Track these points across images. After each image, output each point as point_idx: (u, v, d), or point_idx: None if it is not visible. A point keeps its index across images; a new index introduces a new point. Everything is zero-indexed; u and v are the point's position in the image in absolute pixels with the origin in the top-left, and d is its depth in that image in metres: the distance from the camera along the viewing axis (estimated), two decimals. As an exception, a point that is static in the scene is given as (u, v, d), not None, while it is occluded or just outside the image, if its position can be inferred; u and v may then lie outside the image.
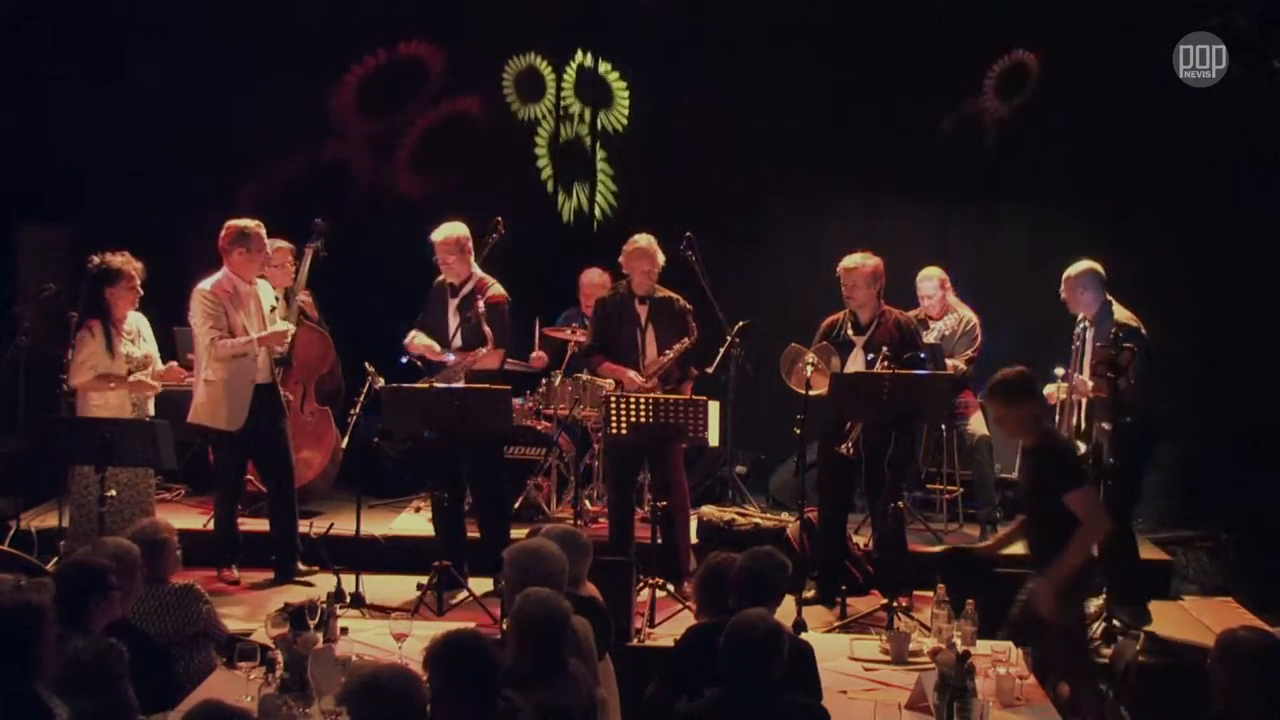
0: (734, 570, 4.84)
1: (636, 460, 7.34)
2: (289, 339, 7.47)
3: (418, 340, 7.36)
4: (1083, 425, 6.95)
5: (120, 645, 4.34)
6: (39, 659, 3.87)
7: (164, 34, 9.69)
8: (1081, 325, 7.06)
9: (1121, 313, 6.91)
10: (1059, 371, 7.05)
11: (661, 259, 7.45)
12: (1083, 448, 6.88)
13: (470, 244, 7.40)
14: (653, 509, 7.39)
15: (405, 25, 9.80)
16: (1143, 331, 6.84)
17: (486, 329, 7.22)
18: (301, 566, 7.34)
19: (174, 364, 7.28)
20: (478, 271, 7.45)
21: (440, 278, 7.47)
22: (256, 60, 9.61)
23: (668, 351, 7.31)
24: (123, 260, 6.99)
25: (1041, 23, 9.27)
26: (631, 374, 7.34)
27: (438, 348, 7.32)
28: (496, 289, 7.39)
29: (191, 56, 9.69)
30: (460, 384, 7.08)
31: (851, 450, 6.94)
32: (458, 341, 7.33)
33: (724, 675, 4.08)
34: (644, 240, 7.44)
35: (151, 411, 7.10)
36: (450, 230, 7.35)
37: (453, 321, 7.38)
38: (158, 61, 9.62)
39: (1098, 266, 7.01)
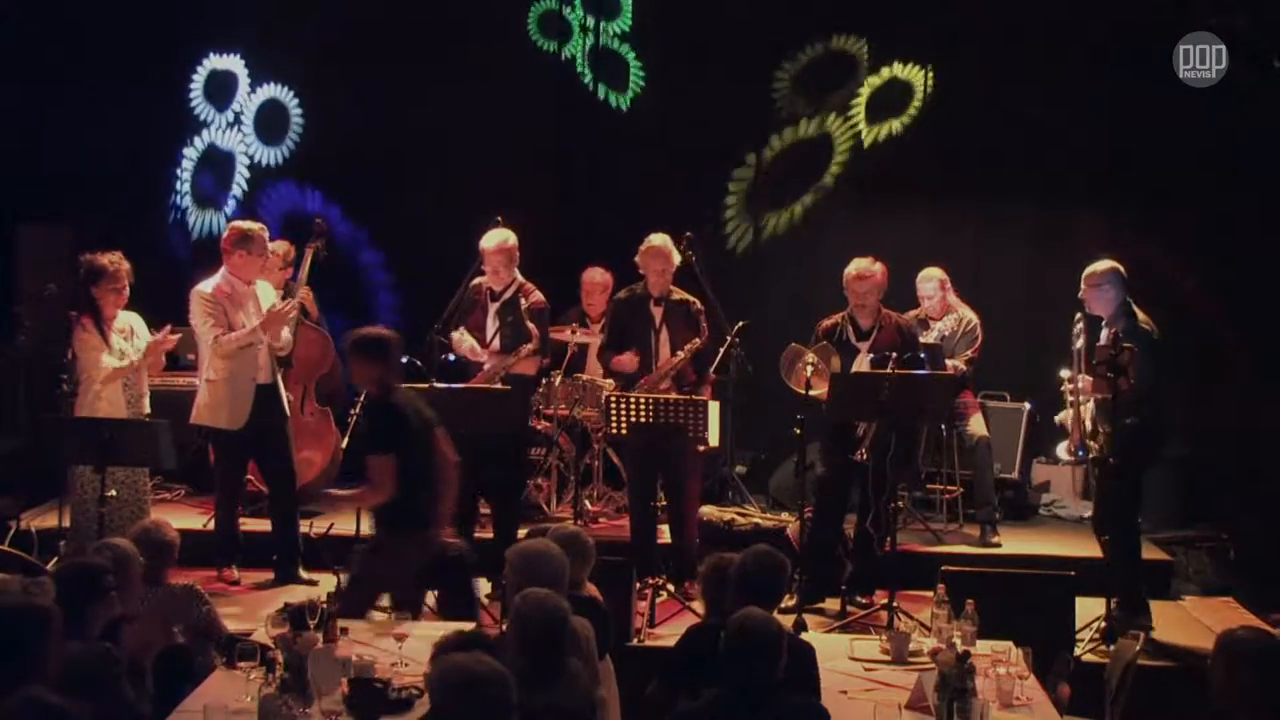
0: (732, 570, 4.85)
1: (655, 463, 7.34)
2: (291, 325, 7.46)
3: (465, 342, 7.42)
4: (1087, 426, 6.92)
5: (116, 649, 4.34)
6: (41, 662, 3.85)
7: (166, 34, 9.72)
8: (1079, 325, 7.04)
9: (1140, 314, 6.89)
10: (1064, 374, 7.01)
11: (677, 259, 7.45)
12: (1095, 449, 6.86)
13: (517, 251, 7.46)
14: (651, 508, 7.40)
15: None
16: (1154, 335, 6.82)
17: (531, 326, 7.29)
18: (304, 574, 7.33)
19: (166, 329, 7.13)
20: (519, 277, 7.51)
21: (476, 281, 7.52)
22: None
23: (679, 353, 7.32)
24: (109, 260, 6.98)
25: (1041, 20, 9.27)
26: (627, 356, 7.35)
27: (480, 349, 7.40)
28: (538, 294, 7.48)
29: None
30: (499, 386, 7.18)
31: (866, 455, 6.93)
32: (496, 345, 7.41)
33: (724, 675, 4.08)
34: (658, 240, 7.44)
35: (147, 409, 7.10)
36: (502, 237, 7.43)
37: (491, 325, 7.45)
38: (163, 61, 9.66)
39: (1119, 266, 6.97)
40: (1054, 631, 5.91)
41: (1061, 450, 7.08)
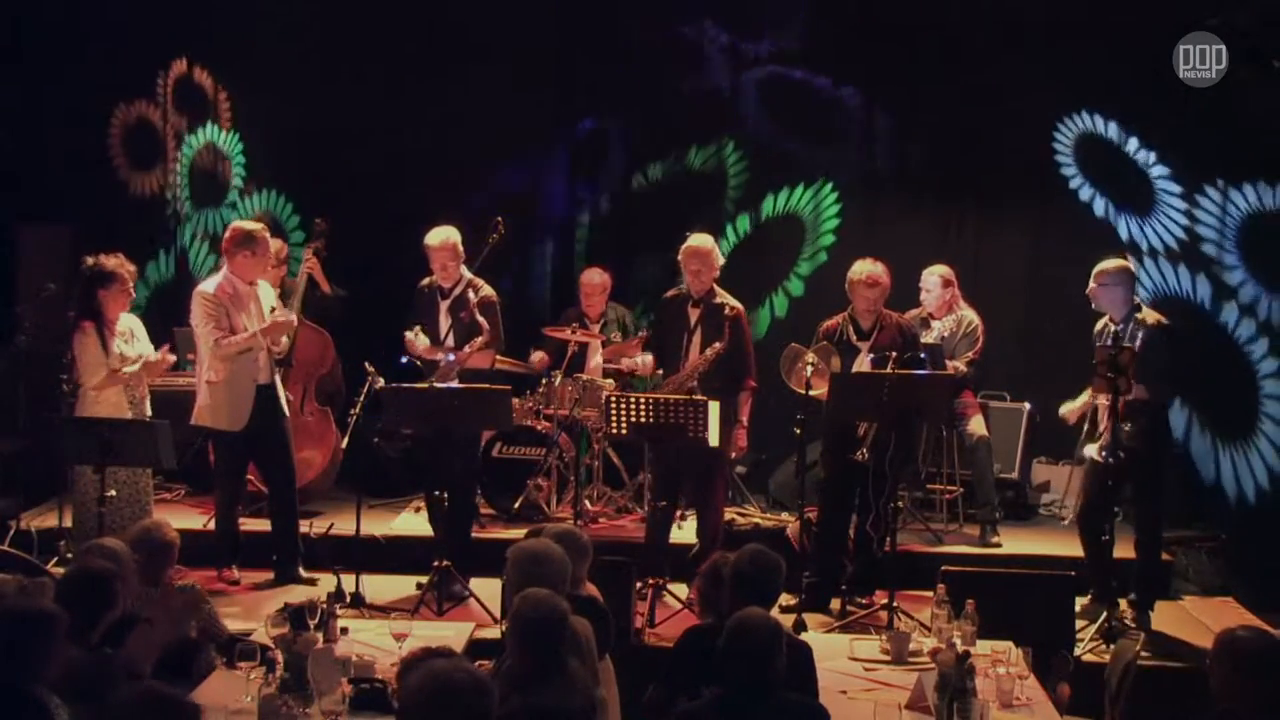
0: (727, 570, 4.84)
1: (676, 464, 7.33)
2: (291, 330, 7.46)
3: (419, 342, 7.40)
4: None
5: (115, 654, 4.33)
6: (44, 666, 3.85)
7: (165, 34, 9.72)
8: (1106, 329, 6.92)
9: (1150, 314, 6.88)
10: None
11: (718, 259, 7.35)
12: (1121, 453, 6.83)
13: (461, 247, 7.46)
14: (652, 509, 7.39)
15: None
16: (1170, 328, 6.83)
17: (481, 319, 7.25)
18: (304, 574, 7.34)
19: (165, 349, 7.24)
20: (467, 273, 7.50)
21: (425, 280, 7.52)
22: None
23: (702, 356, 7.25)
24: (116, 262, 7.01)
25: (1041, 19, 9.27)
26: (650, 361, 7.38)
27: (430, 345, 7.38)
28: (487, 289, 7.48)
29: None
30: (455, 383, 7.11)
31: (866, 456, 6.92)
32: (450, 342, 7.36)
33: (724, 675, 4.08)
34: (696, 240, 7.36)
35: (149, 411, 7.11)
36: (447, 234, 7.42)
37: (444, 323, 7.43)
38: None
39: (1130, 265, 6.94)
40: (1054, 631, 5.91)
41: (1091, 450, 6.96)
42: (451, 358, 7.27)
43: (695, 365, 7.25)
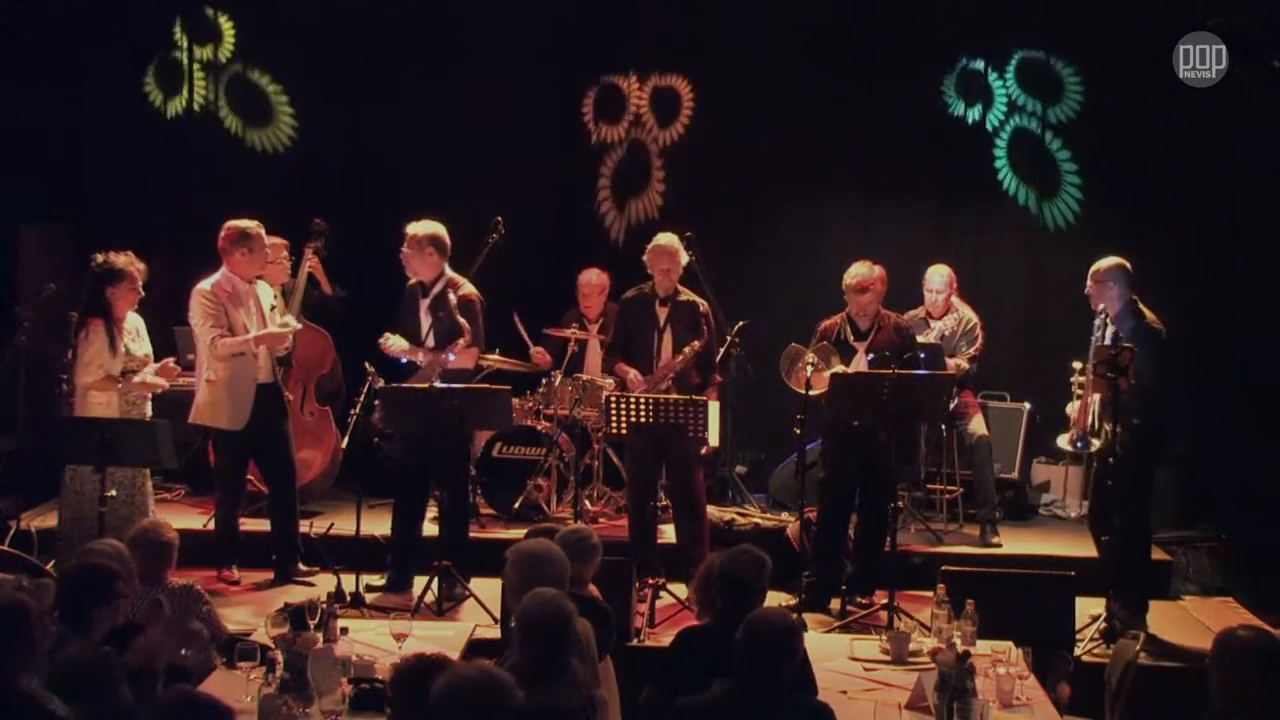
0: (713, 571, 4.84)
1: (655, 463, 7.33)
2: (290, 339, 7.45)
3: (391, 343, 7.30)
4: (1096, 424, 6.88)
5: (116, 653, 4.32)
6: (18, 660, 3.84)
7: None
8: (1101, 318, 6.89)
9: (1148, 314, 6.87)
10: (1076, 365, 6.95)
11: (684, 258, 7.40)
12: (1096, 444, 6.83)
13: (441, 242, 7.29)
14: (641, 510, 7.38)
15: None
16: (1162, 334, 6.80)
17: (462, 321, 7.15)
18: (303, 567, 7.35)
19: (168, 360, 7.25)
20: (448, 271, 7.39)
21: (413, 280, 7.43)
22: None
23: (679, 355, 7.28)
24: (126, 260, 7.00)
25: (1043, 22, 9.29)
26: (633, 375, 7.34)
27: (408, 347, 7.29)
28: (468, 287, 7.34)
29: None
30: (438, 382, 6.99)
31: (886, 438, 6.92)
32: (430, 342, 7.30)
33: (736, 672, 4.07)
34: (664, 239, 7.40)
35: (148, 412, 7.10)
36: (412, 230, 7.26)
37: (425, 322, 7.32)
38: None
39: (1125, 263, 6.92)
40: (1054, 631, 5.91)
41: (1063, 440, 7.01)
42: (444, 355, 7.21)
43: (671, 364, 7.27)
